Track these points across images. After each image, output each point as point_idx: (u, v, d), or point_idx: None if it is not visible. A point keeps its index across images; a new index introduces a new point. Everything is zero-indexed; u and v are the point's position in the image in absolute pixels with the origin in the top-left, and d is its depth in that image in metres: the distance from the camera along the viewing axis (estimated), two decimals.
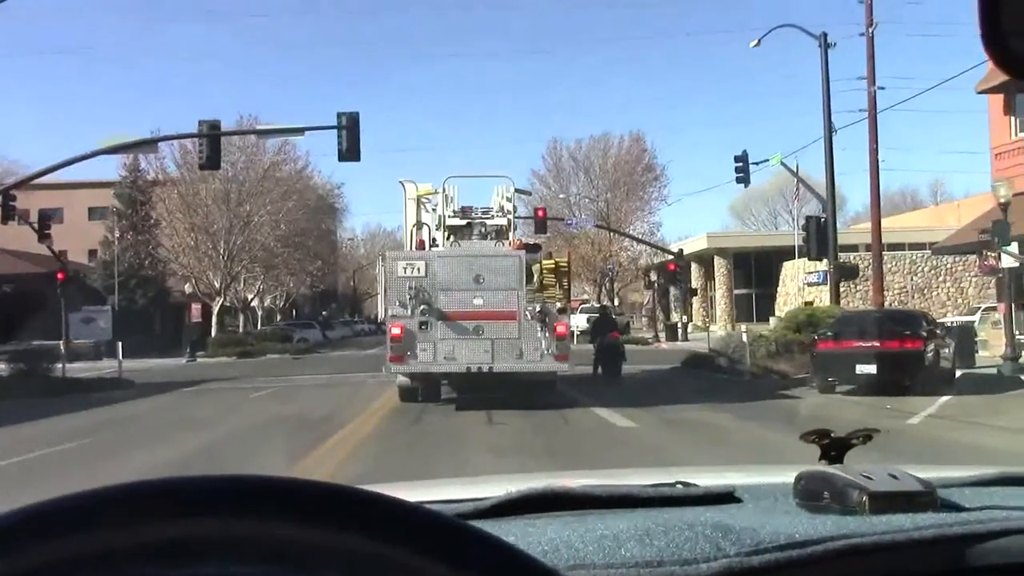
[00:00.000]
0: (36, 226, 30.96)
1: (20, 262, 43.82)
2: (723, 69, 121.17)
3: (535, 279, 16.71)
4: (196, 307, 47.68)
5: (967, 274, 41.13)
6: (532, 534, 1.23)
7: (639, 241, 53.54)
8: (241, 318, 54.68)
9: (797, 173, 35.10)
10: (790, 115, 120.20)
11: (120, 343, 27.41)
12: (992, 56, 1.07)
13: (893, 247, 41.34)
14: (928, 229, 46.66)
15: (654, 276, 51.27)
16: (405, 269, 15.92)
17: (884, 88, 26.28)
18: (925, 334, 18.11)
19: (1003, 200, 20.88)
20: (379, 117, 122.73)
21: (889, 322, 19.07)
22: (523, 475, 2.27)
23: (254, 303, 57.77)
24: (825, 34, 27.15)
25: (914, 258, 43.59)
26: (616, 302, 57.97)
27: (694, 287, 53.45)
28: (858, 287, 38.74)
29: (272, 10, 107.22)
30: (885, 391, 16.78)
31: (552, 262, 17.86)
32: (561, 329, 15.96)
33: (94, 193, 57.14)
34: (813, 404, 16.99)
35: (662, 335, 47.39)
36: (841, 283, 29.22)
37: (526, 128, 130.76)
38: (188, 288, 50.62)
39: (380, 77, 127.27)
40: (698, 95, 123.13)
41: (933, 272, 43.25)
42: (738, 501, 1.54)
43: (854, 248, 40.53)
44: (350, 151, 22.59)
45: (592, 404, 16.36)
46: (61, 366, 25.42)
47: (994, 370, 20.91)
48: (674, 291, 48.40)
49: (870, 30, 25.57)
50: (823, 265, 29.40)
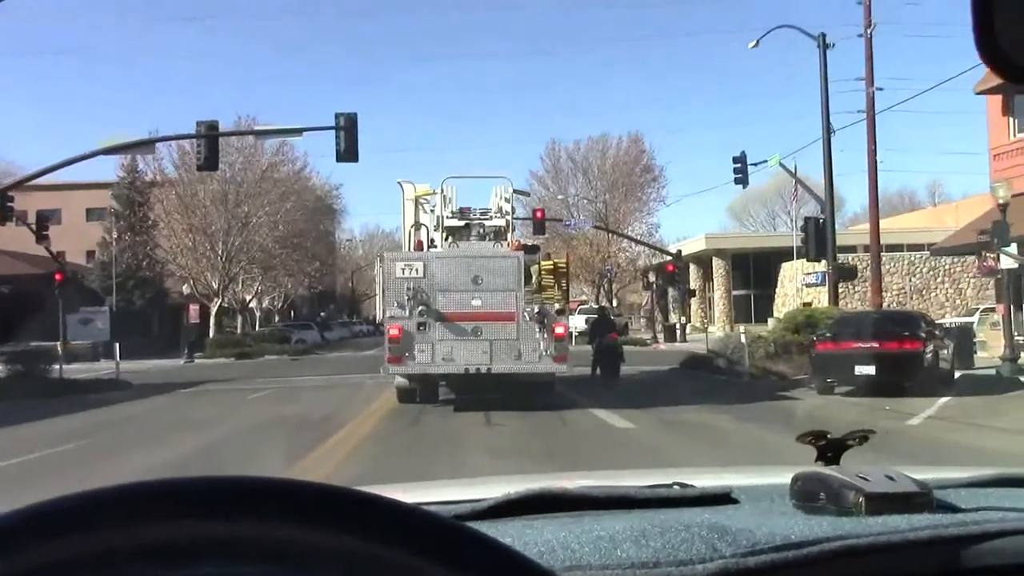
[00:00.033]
0: (34, 227, 30.94)
1: (18, 263, 43.78)
2: (722, 70, 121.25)
3: (533, 280, 16.68)
4: (194, 308, 47.62)
5: (965, 275, 41.17)
6: (529, 535, 1.23)
7: (637, 242, 53.55)
8: (239, 319, 54.65)
9: (796, 174, 35.11)
10: (789, 116, 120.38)
11: (118, 344, 27.37)
12: (985, 58, 1.07)
13: (891, 248, 41.36)
14: (926, 230, 46.68)
15: (652, 277, 51.29)
16: (403, 270, 15.89)
17: (883, 89, 26.35)
18: (924, 335, 18.12)
19: (1002, 201, 20.89)
20: (378, 117, 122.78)
21: (888, 323, 19.08)
22: (521, 476, 2.27)
23: (252, 304, 57.73)
24: (824, 35, 27.17)
25: (912, 259, 43.61)
26: (614, 303, 57.98)
27: (692, 288, 53.50)
28: (856, 288, 38.77)
29: (271, 10, 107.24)
30: (884, 392, 16.76)
31: (551, 263, 17.81)
32: (559, 330, 15.92)
33: (92, 194, 57.06)
34: (812, 405, 16.99)
35: (660, 336, 47.41)
36: (839, 284, 29.24)
37: (526, 129, 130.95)
38: (186, 289, 50.60)
39: (379, 77, 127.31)
40: (697, 96, 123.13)
41: (931, 273, 43.27)
42: (735, 502, 1.54)
43: (852, 249, 40.56)
44: (348, 152, 22.56)
45: (590, 405, 16.34)
46: (59, 367, 25.40)
47: (993, 371, 20.91)
48: (672, 292, 48.37)
49: (868, 31, 25.59)
50: (821, 266, 29.40)
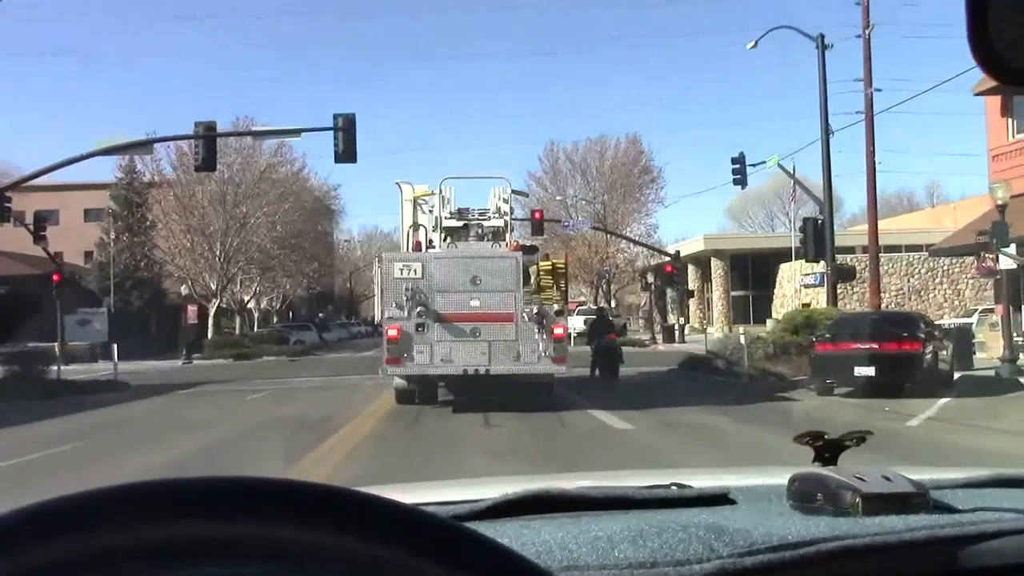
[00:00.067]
0: (32, 228, 30.92)
1: (15, 264, 43.73)
2: (721, 70, 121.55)
3: (532, 281, 16.66)
4: (192, 309, 47.59)
5: (964, 276, 41.16)
6: (526, 535, 1.23)
7: (636, 243, 53.57)
8: (237, 320, 54.62)
9: (794, 175, 35.14)
10: (787, 117, 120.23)
11: (116, 345, 27.34)
12: (979, 60, 1.08)
13: (890, 249, 41.37)
14: (924, 231, 46.68)
15: (651, 278, 51.26)
16: (402, 271, 15.87)
17: (881, 90, 26.40)
18: (923, 336, 18.11)
19: (1001, 202, 20.87)
20: (377, 118, 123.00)
21: (887, 324, 19.07)
22: (519, 477, 2.27)
23: (250, 305, 57.69)
24: (822, 36, 27.19)
25: (911, 260, 43.61)
26: (613, 304, 57.96)
27: (691, 289, 53.52)
28: (855, 289, 38.77)
29: (270, 11, 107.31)
30: (883, 393, 16.75)
31: (549, 264, 17.78)
32: (558, 331, 15.89)
33: (90, 195, 57.01)
34: (811, 406, 16.98)
35: (659, 337, 47.42)
36: (838, 285, 29.23)
37: (525, 129, 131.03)
38: (184, 290, 50.57)
39: (379, 77, 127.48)
40: (696, 96, 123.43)
41: (930, 274, 43.27)
42: (732, 503, 1.54)
43: (851, 250, 40.57)
44: (346, 152, 22.54)
45: (589, 406, 16.32)
46: (56, 368, 25.33)
47: (992, 372, 20.90)
48: (671, 293, 48.39)
49: (867, 32, 25.61)
50: (820, 267, 29.40)
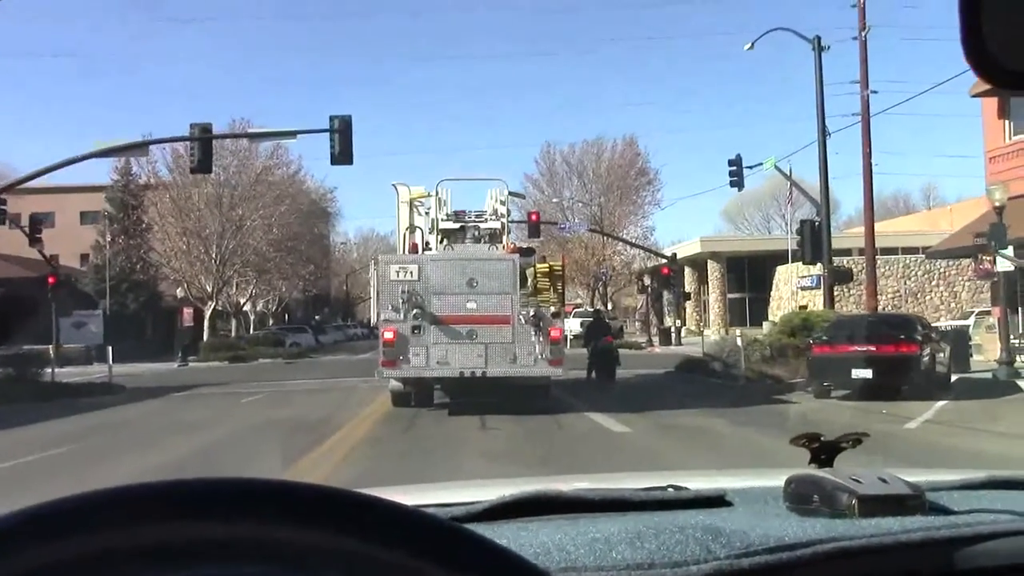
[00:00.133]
0: (27, 230, 30.79)
1: (11, 266, 43.62)
2: (719, 72, 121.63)
3: (529, 283, 16.64)
4: (188, 311, 47.56)
5: (960, 278, 41.18)
6: (524, 537, 1.24)
7: (632, 245, 53.59)
8: (233, 322, 54.58)
9: (791, 177, 35.19)
10: (784, 119, 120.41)
11: (111, 348, 27.33)
12: (972, 63, 1.08)
13: (886, 251, 41.39)
14: (921, 233, 46.71)
15: (648, 280, 51.31)
16: (398, 273, 15.86)
17: (877, 92, 26.46)
18: (920, 338, 18.11)
19: (998, 204, 20.89)
20: (374, 120, 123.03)
21: (884, 326, 19.08)
22: (516, 479, 2.27)
23: (246, 307, 57.65)
24: (819, 38, 27.22)
25: (907, 262, 43.64)
26: (610, 306, 57.98)
27: (688, 291, 53.48)
28: (852, 291, 38.79)
29: (270, 11, 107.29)
30: (881, 396, 16.75)
31: (546, 266, 17.76)
32: (555, 333, 15.90)
33: (86, 197, 56.87)
34: (808, 409, 16.98)
35: (656, 339, 47.46)
36: (835, 287, 29.25)
37: (524, 130, 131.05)
38: (180, 292, 50.49)
39: (378, 78, 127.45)
40: (693, 98, 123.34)
41: (926, 276, 43.29)
42: (729, 504, 1.55)
43: (847, 252, 40.57)
44: (342, 155, 22.50)
45: (586, 409, 16.32)
46: (51, 371, 25.30)
47: (989, 374, 20.91)
48: (668, 295, 48.39)
49: (863, 34, 25.65)
50: (817, 269, 29.42)
